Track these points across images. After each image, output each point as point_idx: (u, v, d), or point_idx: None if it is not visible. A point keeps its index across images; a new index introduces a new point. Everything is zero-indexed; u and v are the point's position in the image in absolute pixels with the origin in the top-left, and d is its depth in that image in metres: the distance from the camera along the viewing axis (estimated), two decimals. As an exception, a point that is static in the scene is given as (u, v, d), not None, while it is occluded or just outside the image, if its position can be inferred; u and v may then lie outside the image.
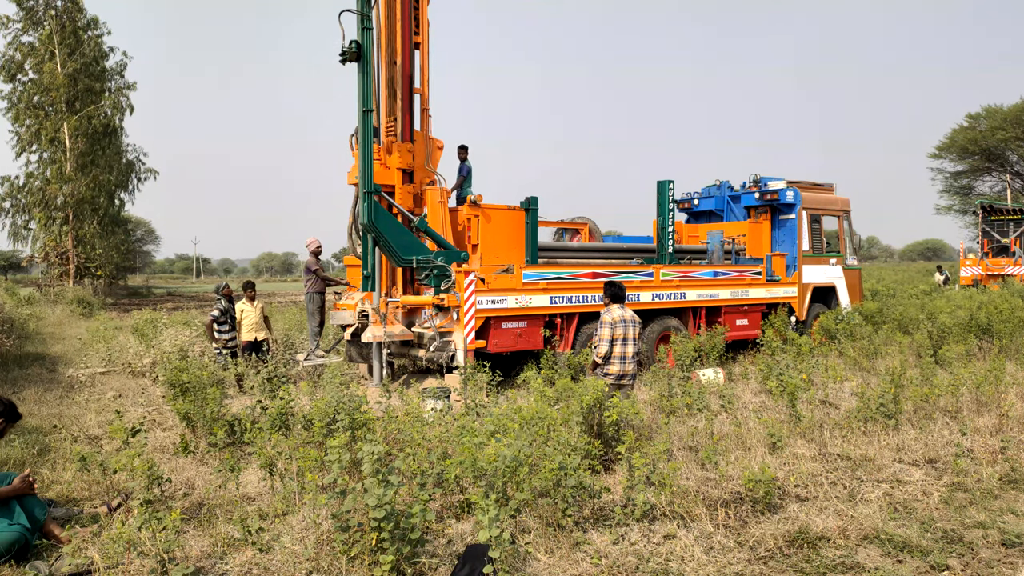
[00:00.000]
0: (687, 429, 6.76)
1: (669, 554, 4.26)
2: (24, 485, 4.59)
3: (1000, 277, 24.54)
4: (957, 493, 5.30)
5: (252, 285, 10.66)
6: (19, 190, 33.45)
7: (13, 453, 6.29)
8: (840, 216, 14.70)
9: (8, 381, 10.49)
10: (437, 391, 8.18)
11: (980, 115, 51.84)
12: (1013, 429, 6.92)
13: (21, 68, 32.89)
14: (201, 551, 4.39)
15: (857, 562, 4.21)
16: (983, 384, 7.72)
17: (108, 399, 9.44)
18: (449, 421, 6.06)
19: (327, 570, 4.03)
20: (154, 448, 6.80)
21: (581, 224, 12.68)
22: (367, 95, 9.10)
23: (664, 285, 11.36)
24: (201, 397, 6.81)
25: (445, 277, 9.28)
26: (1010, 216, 27.28)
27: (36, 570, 4.19)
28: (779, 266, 13.25)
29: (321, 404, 5.90)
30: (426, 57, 10.17)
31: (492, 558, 3.70)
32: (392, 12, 9.77)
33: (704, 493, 5.18)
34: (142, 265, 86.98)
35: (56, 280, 32.37)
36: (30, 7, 32.71)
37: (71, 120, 32.55)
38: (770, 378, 7.70)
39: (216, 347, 10.33)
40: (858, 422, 6.88)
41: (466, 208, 10.25)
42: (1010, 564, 4.20)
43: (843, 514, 4.84)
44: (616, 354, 6.58)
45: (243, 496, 5.37)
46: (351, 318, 10.02)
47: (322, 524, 4.46)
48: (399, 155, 9.82)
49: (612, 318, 6.57)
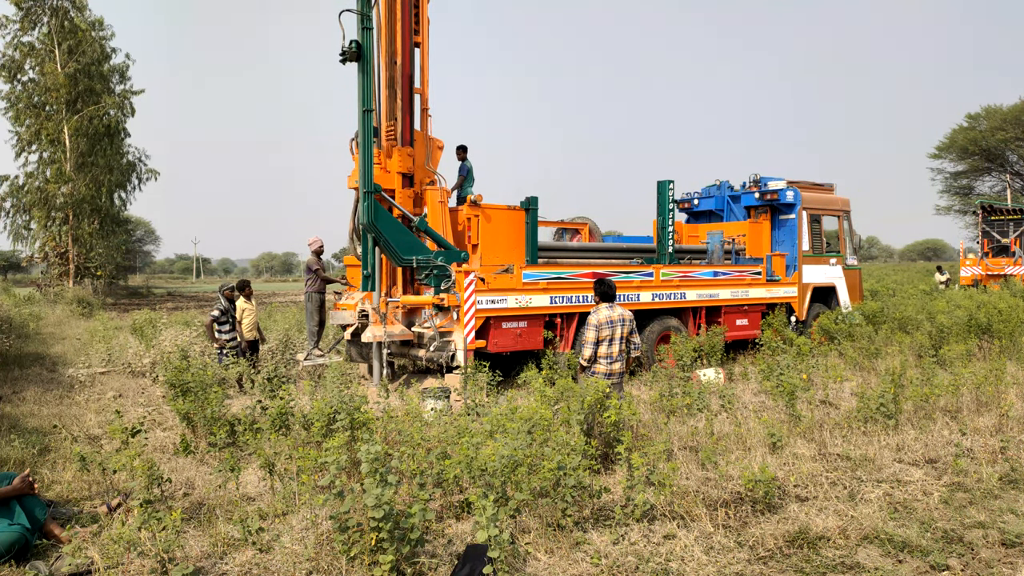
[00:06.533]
0: (687, 429, 6.76)
1: (669, 554, 4.26)
2: (24, 485, 4.59)
3: (1000, 277, 24.53)
4: (957, 493, 5.29)
5: (248, 284, 10.65)
6: (19, 190, 33.45)
7: (13, 453, 6.29)
8: (840, 216, 14.70)
9: (8, 381, 10.49)
10: (437, 391, 8.18)
11: (980, 115, 51.90)
12: (1013, 429, 6.92)
13: (21, 68, 32.89)
14: (201, 551, 4.39)
15: (857, 562, 4.21)
16: (983, 384, 7.72)
17: (108, 399, 9.44)
18: (449, 421, 6.06)
19: (327, 570, 4.03)
20: (154, 448, 6.80)
21: (581, 224, 12.68)
22: (367, 95, 9.10)
23: (664, 285, 11.36)
24: (202, 397, 6.81)
25: (445, 277, 9.28)
26: (1010, 216, 27.27)
27: (36, 570, 4.19)
28: (779, 266, 13.25)
29: (321, 404, 5.90)
30: (426, 57, 10.17)
31: (492, 558, 3.70)
32: (392, 12, 9.77)
33: (704, 493, 5.18)
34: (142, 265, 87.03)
35: (56, 280, 32.34)
36: (29, 7, 32.69)
37: (72, 120, 32.55)
38: (770, 378, 7.70)
39: (216, 347, 10.32)
40: (858, 422, 6.88)
41: (466, 208, 10.25)
42: (1010, 564, 4.20)
43: (843, 514, 4.84)
44: (602, 354, 6.53)
45: (243, 496, 5.37)
46: (351, 318, 10.02)
47: (322, 524, 4.46)
48: (399, 159, 9.82)
49: (598, 320, 6.48)
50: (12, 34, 32.78)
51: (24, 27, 32.88)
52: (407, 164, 9.93)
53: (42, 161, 33.88)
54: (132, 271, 60.48)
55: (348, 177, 10.14)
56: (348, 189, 10.19)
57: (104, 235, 35.42)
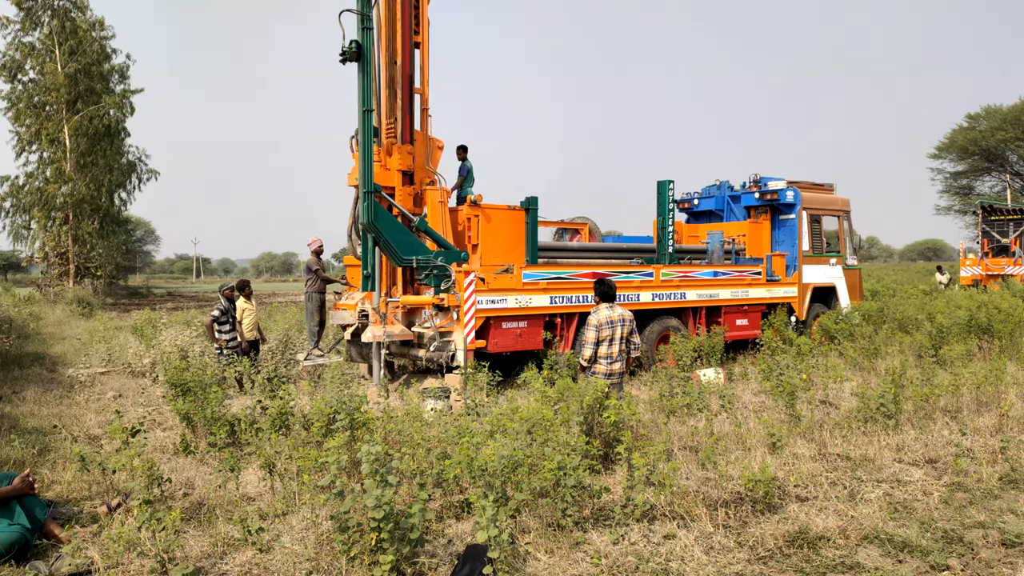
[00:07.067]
0: (687, 429, 6.76)
1: (669, 554, 4.26)
2: (24, 485, 4.59)
3: (1000, 277, 24.53)
4: (957, 493, 5.29)
5: (248, 284, 10.65)
6: (19, 190, 33.46)
7: (13, 453, 6.29)
8: (840, 216, 14.70)
9: (8, 381, 10.48)
10: (437, 391, 8.18)
11: (980, 115, 51.94)
12: (1013, 429, 6.92)
13: (22, 68, 32.90)
14: (201, 551, 4.39)
15: (857, 562, 4.20)
16: (983, 384, 7.72)
17: (108, 399, 9.44)
18: (449, 421, 6.06)
19: (327, 570, 4.03)
20: (154, 448, 6.80)
21: (581, 224, 12.68)
22: (367, 95, 9.10)
23: (664, 285, 11.36)
24: (202, 397, 6.81)
25: (445, 277, 9.28)
26: (1010, 216, 27.27)
27: (36, 570, 4.19)
28: (779, 266, 13.26)
29: (321, 404, 5.90)
30: (426, 57, 10.18)
31: (492, 558, 3.70)
32: (392, 12, 9.77)
33: (704, 493, 5.18)
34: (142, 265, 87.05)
35: (56, 280, 32.35)
36: (30, 7, 32.71)
37: (72, 120, 32.56)
38: (770, 378, 7.70)
39: (216, 347, 10.32)
40: (858, 422, 6.88)
41: (466, 208, 10.25)
42: (1010, 564, 4.20)
43: (843, 514, 4.84)
44: (602, 354, 6.53)
45: (243, 496, 5.37)
46: (351, 318, 10.02)
47: (322, 524, 4.46)
48: (399, 157, 9.82)
49: (598, 320, 6.47)
50: (13, 34, 32.85)
51: (25, 27, 32.92)
52: (407, 162, 9.93)
53: (42, 161, 33.90)
54: (132, 271, 60.48)
55: (348, 175, 10.15)
56: (348, 186, 10.21)
57: (104, 235, 35.45)
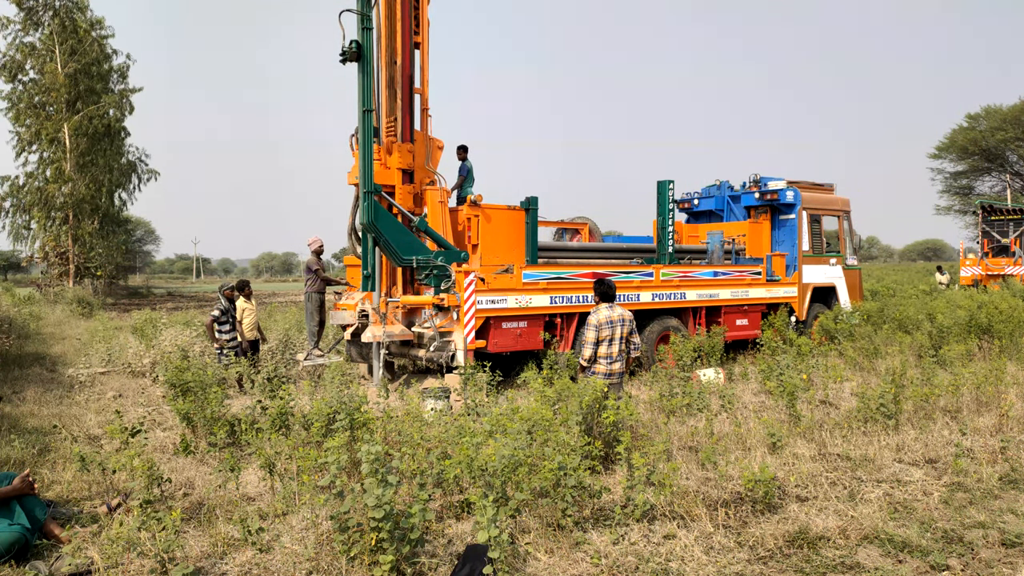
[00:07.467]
0: (687, 429, 6.76)
1: (669, 554, 4.26)
2: (24, 485, 4.59)
3: (1000, 277, 24.53)
4: (957, 493, 5.29)
5: (248, 284, 10.66)
6: (19, 190, 33.47)
7: (13, 453, 6.29)
8: (840, 216, 14.70)
9: (8, 381, 10.48)
10: (437, 391, 8.18)
11: (980, 115, 51.94)
12: (1013, 429, 6.92)
13: (22, 68, 32.91)
14: (201, 551, 4.39)
15: (857, 562, 4.20)
16: (983, 384, 7.72)
17: (108, 399, 9.44)
18: (449, 421, 6.06)
19: (327, 570, 4.03)
20: (154, 448, 6.80)
21: (581, 224, 12.69)
22: (367, 95, 9.10)
23: (664, 285, 11.36)
24: (202, 397, 6.81)
25: (445, 277, 9.28)
26: (1010, 216, 27.27)
27: (36, 570, 4.19)
28: (779, 266, 13.25)
29: (321, 404, 5.90)
30: (426, 57, 10.18)
31: (492, 558, 3.70)
32: (392, 12, 9.77)
33: (704, 493, 5.18)
34: (142, 265, 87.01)
35: (56, 280, 32.36)
36: (30, 7, 32.72)
37: (72, 120, 32.56)
38: (770, 378, 7.69)
39: (217, 347, 10.32)
40: (858, 422, 6.88)
41: (466, 208, 10.25)
42: (1010, 564, 4.20)
43: (843, 514, 4.84)
44: (601, 355, 6.52)
45: (243, 496, 5.37)
46: (351, 318, 10.02)
47: (322, 524, 4.46)
48: (399, 155, 9.82)
49: (598, 320, 6.46)
50: (13, 35, 32.86)
51: (25, 28, 32.93)
52: (407, 160, 9.93)
53: (42, 161, 33.91)
54: (132, 271, 60.46)
55: (348, 173, 10.15)
56: (348, 185, 10.22)
57: (104, 235, 35.46)
